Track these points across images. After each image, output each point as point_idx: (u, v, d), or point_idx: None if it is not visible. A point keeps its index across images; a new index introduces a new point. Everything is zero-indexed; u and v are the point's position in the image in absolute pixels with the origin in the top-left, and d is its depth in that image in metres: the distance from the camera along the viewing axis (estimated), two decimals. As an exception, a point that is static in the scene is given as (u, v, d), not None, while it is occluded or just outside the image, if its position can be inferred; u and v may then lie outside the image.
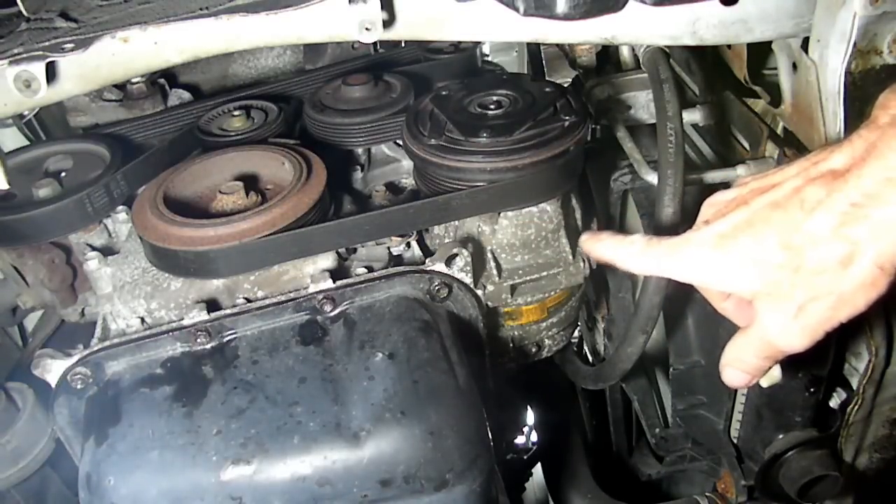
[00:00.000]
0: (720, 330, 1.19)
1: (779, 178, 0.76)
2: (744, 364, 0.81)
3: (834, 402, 1.26)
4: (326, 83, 1.36)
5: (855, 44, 0.95)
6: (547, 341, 1.28)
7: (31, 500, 1.22)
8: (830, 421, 1.27)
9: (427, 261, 1.06)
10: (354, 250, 1.14)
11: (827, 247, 0.70)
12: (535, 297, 1.20)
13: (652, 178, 1.21)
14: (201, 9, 1.02)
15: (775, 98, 1.18)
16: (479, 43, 1.51)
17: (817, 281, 0.71)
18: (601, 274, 1.40)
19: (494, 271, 1.15)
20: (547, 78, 1.57)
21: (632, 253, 0.84)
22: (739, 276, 0.75)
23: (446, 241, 1.19)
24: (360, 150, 1.31)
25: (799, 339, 0.74)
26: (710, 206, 0.82)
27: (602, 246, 0.89)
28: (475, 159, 1.07)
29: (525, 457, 1.89)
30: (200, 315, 1.00)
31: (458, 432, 0.93)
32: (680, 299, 1.26)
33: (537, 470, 1.91)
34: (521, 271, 1.17)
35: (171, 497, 0.88)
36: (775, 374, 0.97)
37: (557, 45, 1.60)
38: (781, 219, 0.73)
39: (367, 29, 0.97)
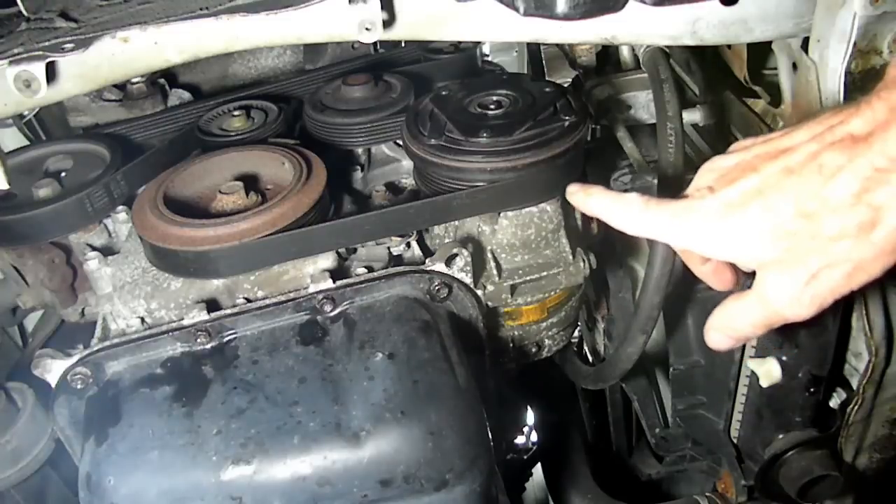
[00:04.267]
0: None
1: (788, 142, 0.73)
2: (735, 331, 0.79)
3: (834, 402, 1.26)
4: (326, 83, 1.36)
5: (855, 44, 0.96)
6: (547, 341, 1.28)
7: (31, 500, 1.22)
8: (830, 421, 1.27)
9: (427, 261, 1.06)
10: (354, 250, 1.13)
11: (847, 213, 0.67)
12: (535, 297, 1.20)
13: (652, 177, 1.21)
14: (201, 9, 1.02)
15: (775, 98, 1.18)
16: (479, 43, 1.51)
17: (834, 248, 0.68)
18: (601, 274, 1.40)
19: (494, 271, 1.15)
20: (547, 78, 1.57)
21: (628, 212, 0.81)
22: (749, 246, 0.73)
23: (446, 241, 1.19)
24: (360, 150, 1.31)
25: (807, 307, 0.72)
26: (710, 171, 0.79)
27: (594, 201, 0.85)
28: (475, 159, 1.06)
29: (525, 457, 1.89)
30: (200, 315, 1.00)
31: (458, 432, 0.93)
32: (680, 299, 1.26)
33: (537, 470, 1.91)
34: (521, 271, 1.17)
35: (171, 497, 0.88)
36: (775, 374, 0.97)
37: (557, 45, 1.60)
38: (797, 186, 0.70)
39: (367, 29, 0.98)
